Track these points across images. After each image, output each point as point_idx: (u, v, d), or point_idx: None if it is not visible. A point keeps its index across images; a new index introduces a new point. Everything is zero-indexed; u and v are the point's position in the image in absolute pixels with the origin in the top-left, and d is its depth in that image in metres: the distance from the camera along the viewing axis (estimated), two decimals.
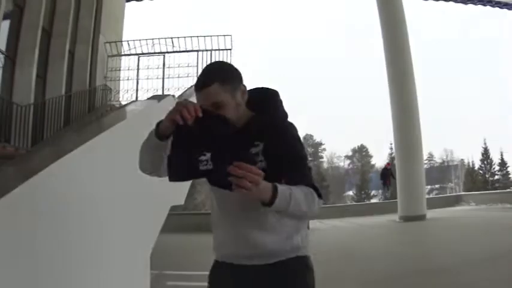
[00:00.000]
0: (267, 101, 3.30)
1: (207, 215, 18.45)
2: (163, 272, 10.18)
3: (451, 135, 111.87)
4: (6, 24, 15.26)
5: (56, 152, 5.41)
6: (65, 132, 12.71)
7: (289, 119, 3.35)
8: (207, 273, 3.32)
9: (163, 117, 2.87)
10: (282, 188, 2.71)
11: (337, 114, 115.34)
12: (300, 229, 3.11)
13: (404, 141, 23.65)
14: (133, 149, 7.55)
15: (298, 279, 3.07)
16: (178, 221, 21.25)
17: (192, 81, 21.31)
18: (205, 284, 2.86)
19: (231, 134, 2.86)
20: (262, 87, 3.40)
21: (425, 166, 25.48)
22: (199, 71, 3.31)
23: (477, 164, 76.29)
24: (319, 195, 2.93)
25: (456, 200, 31.77)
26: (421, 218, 22.25)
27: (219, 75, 3.01)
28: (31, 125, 15.12)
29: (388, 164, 36.39)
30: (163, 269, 10.48)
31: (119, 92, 22.78)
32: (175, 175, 2.88)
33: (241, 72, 3.18)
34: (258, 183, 2.56)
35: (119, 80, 23.21)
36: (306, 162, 3.11)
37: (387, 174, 33.16)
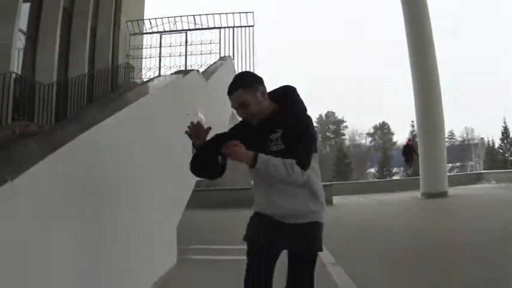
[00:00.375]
0: (286, 96, 4.26)
1: (231, 191, 18.52)
2: (189, 246, 10.16)
3: (472, 114, 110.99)
4: (27, 5, 15.27)
5: (81, 126, 5.35)
6: (88, 109, 12.66)
7: (307, 111, 4.27)
8: (237, 247, 4.73)
9: (187, 91, 3.88)
10: (262, 156, 3.85)
11: (359, 92, 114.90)
12: (313, 199, 4.12)
13: (427, 119, 23.47)
14: (159, 122, 7.60)
15: (315, 227, 4.16)
16: (207, 197, 21.28)
17: (215, 58, 21.26)
18: (234, 257, 3.23)
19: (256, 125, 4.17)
20: (285, 85, 4.37)
21: (446, 144, 25.28)
22: (222, 48, 4.51)
23: (497, 143, 76.05)
24: (302, 167, 3.90)
25: (477, 178, 31.73)
26: (443, 195, 22.21)
27: (241, 82, 4.17)
28: (54, 103, 15.18)
29: (409, 140, 36.00)
30: (190, 243, 10.51)
31: (141, 70, 22.77)
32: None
33: (261, 77, 4.30)
34: (232, 150, 3.85)
35: (142, 58, 23.19)
36: (307, 146, 4.05)
37: (409, 150, 32.85)
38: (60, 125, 10.89)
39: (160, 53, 22.76)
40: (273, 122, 4.07)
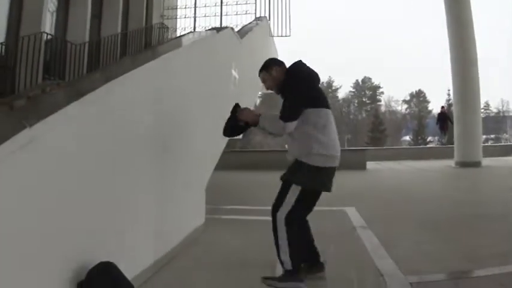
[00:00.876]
0: (287, 70, 5.82)
1: (263, 153, 18.81)
2: (218, 206, 10.22)
3: (509, 86, 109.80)
4: None
5: (107, 76, 5.24)
6: (119, 62, 12.62)
7: (299, 80, 5.63)
8: (263, 207, 6.20)
9: (221, 47, 4.77)
10: (263, 116, 5.61)
11: (397, 59, 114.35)
12: (301, 148, 5.47)
13: (463, 87, 23.28)
14: (192, 76, 7.50)
15: (295, 166, 5.52)
16: (237, 158, 21.37)
17: (250, 18, 21.11)
18: (260, 218, 3.41)
19: None
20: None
21: (481, 115, 25.02)
22: (258, 9, 5.51)
23: None
24: (281, 119, 5.34)
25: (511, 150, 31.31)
26: (477, 164, 22.11)
27: (262, 66, 5.91)
28: (86, 62, 15.20)
29: (443, 107, 35.59)
30: (220, 204, 10.59)
31: (175, 30, 22.72)
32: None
33: (279, 60, 6.02)
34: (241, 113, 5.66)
35: (176, 18, 23.14)
36: (286, 105, 5.47)
37: (444, 118, 32.54)
38: (88, 76, 10.82)
39: (195, 13, 22.73)
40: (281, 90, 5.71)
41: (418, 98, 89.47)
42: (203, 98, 8.07)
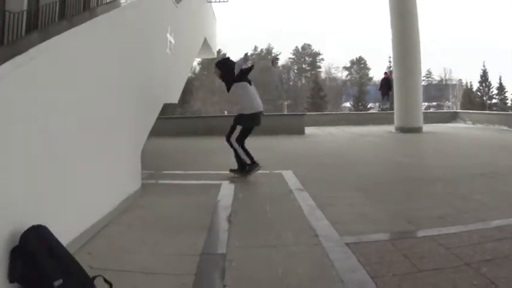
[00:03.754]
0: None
1: (202, 118, 18.98)
2: (156, 171, 10.24)
3: (451, 54, 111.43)
4: None
5: (43, 37, 5.15)
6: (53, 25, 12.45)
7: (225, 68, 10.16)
8: (203, 172, 8.48)
9: (153, 10, 4.52)
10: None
11: (337, 25, 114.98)
12: (238, 106, 10.35)
13: (403, 52, 23.31)
14: (123, 38, 7.41)
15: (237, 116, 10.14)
16: (177, 124, 21.25)
17: None
18: (199, 182, 3.49)
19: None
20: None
21: (423, 83, 25.28)
22: None
23: (475, 86, 76.57)
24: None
25: (452, 117, 31.59)
26: (417, 130, 22.36)
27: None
28: (24, 31, 14.93)
29: (386, 73, 35.70)
30: (158, 169, 10.54)
31: None
32: None
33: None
34: None
35: None
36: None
37: (386, 84, 32.70)
38: (24, 37, 10.66)
39: None
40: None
41: (359, 65, 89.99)
42: (136, 61, 7.99)
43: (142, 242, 5.59)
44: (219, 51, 64.12)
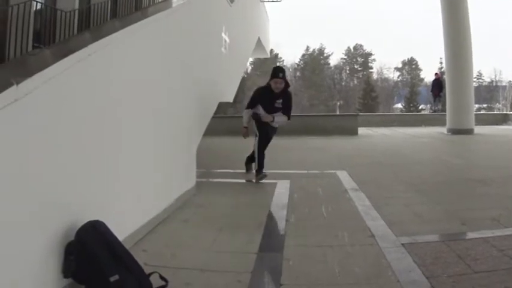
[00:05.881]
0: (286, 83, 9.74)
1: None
2: (209, 170, 10.33)
3: (502, 55, 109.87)
4: None
5: (94, 36, 5.13)
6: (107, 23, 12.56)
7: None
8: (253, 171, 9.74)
9: (208, 9, 4.63)
10: (276, 117, 9.64)
11: (390, 26, 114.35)
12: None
13: (455, 55, 23.05)
14: (180, 38, 7.42)
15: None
16: (227, 124, 21.28)
17: None
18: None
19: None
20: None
21: (474, 84, 24.98)
22: None
23: None
24: (288, 118, 9.77)
25: (503, 119, 31.22)
26: (469, 132, 22.08)
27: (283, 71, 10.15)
28: (76, 29, 15.09)
29: (436, 74, 35.35)
30: (210, 167, 10.60)
31: None
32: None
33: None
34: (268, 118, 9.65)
35: None
36: (291, 108, 9.85)
37: (438, 84, 32.42)
38: (76, 36, 10.75)
39: None
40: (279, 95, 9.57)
41: (411, 66, 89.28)
42: (193, 60, 8.01)
43: (198, 239, 5.62)
44: (271, 51, 64.26)
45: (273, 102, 9.60)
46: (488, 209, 6.89)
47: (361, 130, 22.55)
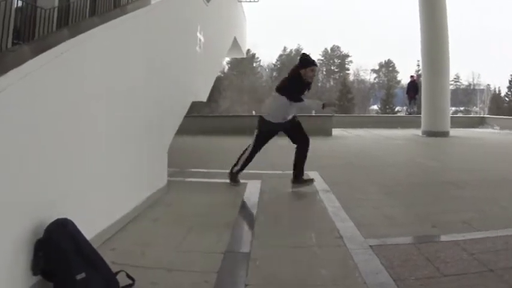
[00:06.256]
0: None
1: (228, 118, 18.89)
2: (181, 169, 10.33)
3: (480, 58, 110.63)
4: None
5: (73, 32, 5.17)
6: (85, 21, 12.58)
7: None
8: (226, 170, 7.94)
9: (183, 8, 4.44)
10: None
11: (367, 28, 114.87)
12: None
13: (432, 57, 23.23)
14: (154, 35, 7.44)
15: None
16: (201, 123, 21.27)
17: None
18: (223, 180, 3.53)
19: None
20: None
21: (451, 87, 25.21)
22: None
23: (503, 91, 76.28)
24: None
25: (480, 122, 31.41)
26: (445, 134, 22.24)
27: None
28: (55, 27, 15.09)
29: (412, 76, 35.54)
30: (183, 167, 10.61)
31: None
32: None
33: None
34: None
35: None
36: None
37: (413, 87, 32.62)
38: (55, 32, 10.74)
39: None
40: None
41: (387, 68, 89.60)
42: (168, 58, 8.03)
43: (167, 238, 5.65)
44: (248, 51, 64.08)
45: (302, 92, 8.80)
46: (460, 212, 6.99)
47: (336, 131, 22.65)
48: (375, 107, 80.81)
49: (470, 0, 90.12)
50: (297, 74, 8.59)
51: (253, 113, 53.13)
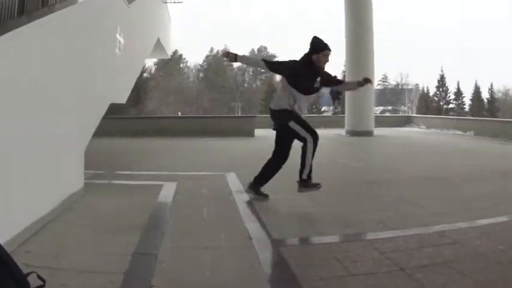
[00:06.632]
0: None
1: (152, 119, 18.70)
2: (100, 171, 10.33)
3: (408, 59, 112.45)
4: None
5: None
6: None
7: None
8: (145, 172, 6.78)
9: (104, 9, 4.20)
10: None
11: (296, 28, 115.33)
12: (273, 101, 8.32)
13: (356, 57, 23.87)
14: (72, 37, 7.45)
15: None
16: (124, 125, 21.17)
17: None
18: (140, 182, 3.46)
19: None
20: None
21: (379, 87, 25.79)
22: None
23: (432, 91, 77.81)
24: (263, 59, 8.50)
25: (406, 121, 32.01)
26: (369, 134, 22.88)
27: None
28: None
29: (335, 76, 35.95)
30: (102, 169, 10.60)
31: None
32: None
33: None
34: None
35: None
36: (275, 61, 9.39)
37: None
38: None
39: None
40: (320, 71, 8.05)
41: None
42: (81, 59, 8.02)
43: (81, 240, 5.66)
44: (175, 52, 63.78)
45: (313, 80, 8.00)
46: (376, 212, 7.23)
47: (260, 132, 22.50)
48: None
49: (397, 0, 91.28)
50: (306, 61, 7.90)
51: (179, 114, 52.82)
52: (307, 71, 7.84)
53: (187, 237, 5.93)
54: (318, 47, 7.87)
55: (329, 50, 7.95)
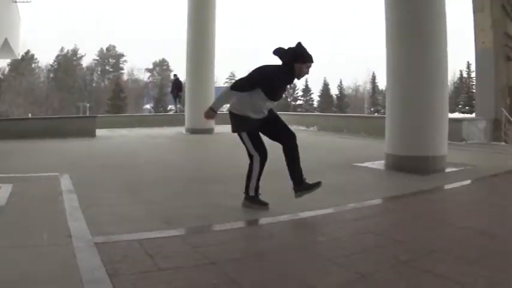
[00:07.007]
0: None
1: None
2: None
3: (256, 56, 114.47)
4: None
5: None
6: None
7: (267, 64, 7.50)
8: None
9: None
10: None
11: (142, 28, 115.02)
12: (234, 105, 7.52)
13: (196, 55, 24.65)
14: None
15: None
16: None
17: None
18: None
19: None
20: None
21: (226, 84, 26.55)
22: None
23: None
24: (232, 88, 7.45)
25: None
26: (209, 131, 23.35)
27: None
28: None
29: (175, 75, 36.77)
30: None
31: None
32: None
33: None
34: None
35: None
36: (243, 79, 7.43)
37: (177, 85, 34.73)
38: None
39: None
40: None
41: (162, 67, 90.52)
42: None
43: None
44: (27, 52, 62.48)
45: (285, 89, 8.03)
46: (199, 207, 7.62)
47: (102, 132, 23.01)
48: (149, 105, 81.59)
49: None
50: (287, 68, 7.39)
51: (29, 115, 51.58)
52: (286, 79, 7.52)
53: (7, 237, 5.90)
54: (303, 57, 7.34)
55: (311, 62, 7.41)
